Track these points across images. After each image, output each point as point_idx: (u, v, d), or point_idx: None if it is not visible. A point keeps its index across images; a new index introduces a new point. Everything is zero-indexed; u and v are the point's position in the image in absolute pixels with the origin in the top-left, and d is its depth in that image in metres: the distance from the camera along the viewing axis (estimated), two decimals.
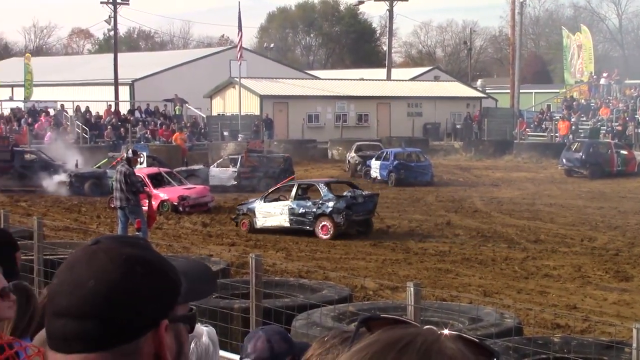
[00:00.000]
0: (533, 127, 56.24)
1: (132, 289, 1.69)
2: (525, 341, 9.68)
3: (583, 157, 39.16)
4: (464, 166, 43.91)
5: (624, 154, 39.96)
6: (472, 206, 28.67)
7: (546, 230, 23.49)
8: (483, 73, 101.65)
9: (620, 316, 13.97)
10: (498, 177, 38.97)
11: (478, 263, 18.76)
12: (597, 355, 9.29)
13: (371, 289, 15.56)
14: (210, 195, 28.09)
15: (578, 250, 20.38)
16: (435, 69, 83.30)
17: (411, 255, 19.61)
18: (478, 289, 16.00)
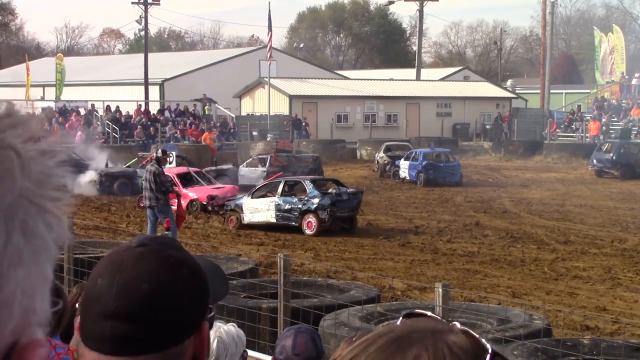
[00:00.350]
0: (563, 127, 55.96)
1: (181, 292, 1.70)
2: (554, 343, 9.64)
3: (614, 158, 38.91)
4: (493, 166, 43.74)
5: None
6: (501, 207, 28.57)
7: (576, 231, 23.35)
8: (513, 73, 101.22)
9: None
10: (528, 177, 38.79)
11: (507, 264, 18.69)
12: (627, 357, 9.24)
13: (399, 289, 15.55)
14: (239, 195, 28.15)
15: (608, 252, 20.25)
16: (465, 69, 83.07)
17: (439, 256, 19.57)
18: (507, 290, 15.94)
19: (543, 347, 9.30)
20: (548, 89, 57.67)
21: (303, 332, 3.92)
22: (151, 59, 60.82)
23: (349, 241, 21.61)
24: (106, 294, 1.68)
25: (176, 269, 1.71)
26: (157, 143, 45.00)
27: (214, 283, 1.91)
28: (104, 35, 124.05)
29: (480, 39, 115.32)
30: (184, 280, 1.71)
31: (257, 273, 14.34)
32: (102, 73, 70.45)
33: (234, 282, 12.37)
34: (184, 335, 1.70)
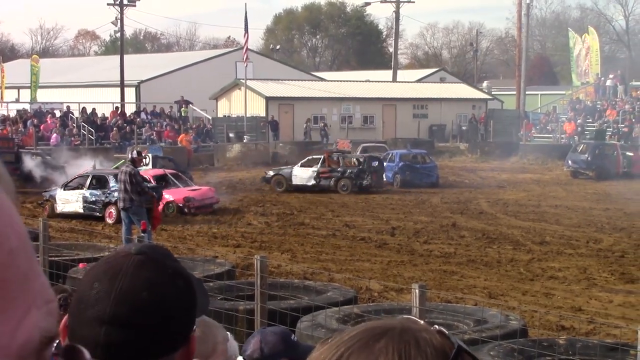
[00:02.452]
0: (539, 128, 56.24)
1: (177, 303, 1.70)
2: (530, 343, 9.67)
3: (589, 159, 39.17)
4: (469, 168, 43.87)
5: (630, 155, 39.92)
6: (477, 208, 28.66)
7: (552, 231, 23.47)
8: (489, 74, 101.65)
9: (625, 318, 13.95)
10: (504, 178, 38.94)
11: (483, 265, 18.75)
12: (602, 357, 9.29)
13: (376, 290, 15.56)
14: (216, 196, 28.11)
15: (583, 252, 20.35)
16: (441, 71, 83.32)
17: (416, 257, 19.60)
18: (483, 291, 15.98)
19: (519, 347, 9.33)
20: (524, 91, 57.95)
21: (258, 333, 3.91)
22: (127, 61, 60.60)
23: (325, 242, 21.61)
24: (104, 299, 1.67)
25: (174, 280, 1.71)
26: (133, 144, 44.87)
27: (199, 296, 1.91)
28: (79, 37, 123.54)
29: (456, 40, 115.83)
30: (180, 292, 1.71)
31: (233, 275, 14.32)
32: (78, 75, 70.15)
33: (211, 284, 12.35)
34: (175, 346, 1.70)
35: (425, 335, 1.24)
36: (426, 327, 1.26)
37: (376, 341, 1.21)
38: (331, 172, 33.61)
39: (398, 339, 1.21)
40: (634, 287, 16.70)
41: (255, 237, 22.47)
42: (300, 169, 34.36)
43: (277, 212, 27.15)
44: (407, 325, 1.25)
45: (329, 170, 33.65)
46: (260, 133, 52.36)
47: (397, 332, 1.23)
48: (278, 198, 31.25)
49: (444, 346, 1.23)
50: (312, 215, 26.57)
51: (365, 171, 33.27)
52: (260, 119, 54.63)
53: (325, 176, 33.52)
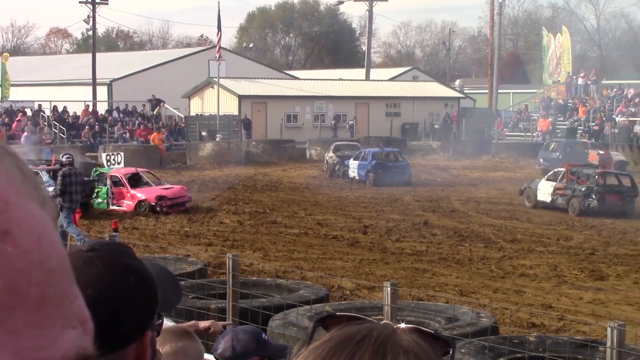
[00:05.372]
0: (511, 127, 56.52)
1: (126, 299, 1.70)
2: (501, 340, 9.73)
3: (560, 157, 39.40)
4: (442, 166, 44.00)
5: (601, 153, 40.19)
6: (449, 206, 28.77)
7: (523, 229, 23.60)
8: (461, 73, 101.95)
9: (595, 315, 14.06)
10: (476, 176, 39.09)
11: (455, 263, 18.83)
12: (572, 353, 9.35)
13: (348, 288, 15.58)
14: (188, 195, 28.05)
15: (554, 250, 20.49)
16: (414, 69, 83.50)
17: (388, 255, 19.65)
18: (455, 289, 16.05)
19: (490, 344, 9.39)
20: (496, 89, 58.21)
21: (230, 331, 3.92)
22: (99, 59, 60.30)
23: (297, 241, 21.61)
24: None
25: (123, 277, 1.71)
26: (105, 144, 44.67)
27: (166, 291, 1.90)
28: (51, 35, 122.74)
29: (429, 39, 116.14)
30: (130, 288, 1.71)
31: (205, 273, 14.29)
32: (49, 73, 69.71)
33: (182, 282, 12.33)
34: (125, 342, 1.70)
35: (404, 340, 1.23)
36: (405, 330, 1.26)
37: (354, 349, 1.21)
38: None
39: (377, 345, 1.21)
40: (604, 284, 16.83)
41: (227, 236, 22.45)
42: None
43: (249, 211, 27.12)
44: (385, 331, 1.25)
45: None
46: (233, 132, 52.24)
47: (375, 339, 1.22)
48: (250, 197, 31.21)
49: (424, 350, 1.23)
50: (284, 214, 26.56)
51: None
52: (233, 117, 54.54)
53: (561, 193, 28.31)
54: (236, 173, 38.95)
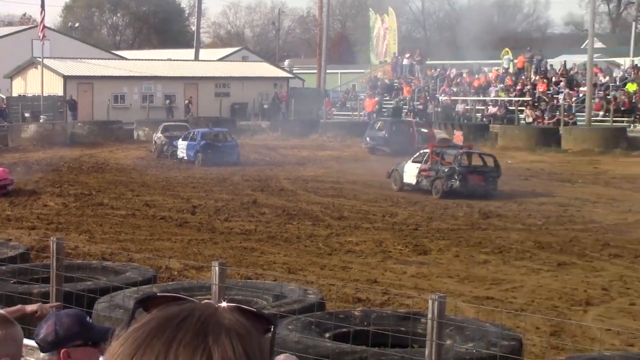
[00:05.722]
0: (339, 106, 57.29)
1: None
2: (327, 316, 9.88)
3: (386, 136, 40.24)
4: (270, 146, 44.20)
5: (425, 131, 41.22)
6: (278, 185, 28.96)
7: (349, 207, 24.01)
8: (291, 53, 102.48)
9: (418, 288, 14.46)
10: (304, 156, 39.47)
11: (283, 241, 18.98)
12: (396, 326, 9.58)
13: (176, 269, 15.49)
14: (10, 177, 27.16)
15: (380, 226, 20.94)
16: (243, 50, 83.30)
17: (217, 235, 19.63)
18: (283, 267, 16.19)
19: (317, 320, 9.51)
20: (324, 69, 58.82)
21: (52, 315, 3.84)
22: None
23: (125, 222, 21.30)
24: None
25: None
26: None
27: None
28: None
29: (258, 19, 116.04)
30: None
31: (28, 258, 13.90)
32: None
33: (3, 267, 11.98)
34: None
35: (226, 319, 1.23)
36: (227, 309, 1.26)
37: (175, 330, 1.20)
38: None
39: (198, 325, 1.20)
40: (426, 258, 17.33)
41: (51, 219, 21.89)
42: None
43: (74, 193, 26.52)
44: (207, 311, 1.24)
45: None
46: (58, 113, 50.89)
47: (196, 319, 1.21)
48: (76, 178, 30.53)
49: (246, 328, 1.23)
50: (111, 195, 26.12)
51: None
52: (58, 98, 53.13)
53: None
54: (61, 155, 37.99)
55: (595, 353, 8.85)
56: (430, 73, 58.93)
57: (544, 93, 49.54)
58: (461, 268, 16.35)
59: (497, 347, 8.40)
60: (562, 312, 13.19)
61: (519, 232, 20.32)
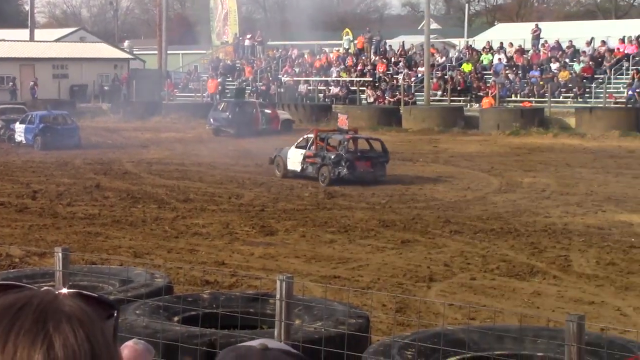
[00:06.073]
0: (181, 87, 56.82)
1: None
2: (175, 299, 9.80)
3: (230, 117, 40.19)
4: (112, 128, 43.49)
5: (268, 112, 41.38)
6: (121, 168, 28.52)
7: (195, 189, 23.88)
8: (130, 34, 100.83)
9: (265, 269, 14.52)
10: (147, 138, 39.01)
11: (128, 224, 18.72)
12: (244, 307, 9.59)
13: (17, 256, 15.06)
14: None
15: (226, 208, 20.91)
16: (80, 30, 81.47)
17: (59, 220, 19.18)
18: (129, 251, 15.98)
19: (164, 304, 9.43)
20: (165, 50, 58.14)
21: None
22: None
23: None
24: None
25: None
26: None
27: None
28: None
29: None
30: None
31: None
32: None
33: None
34: None
35: (67, 306, 1.20)
36: (67, 296, 1.23)
37: (13, 318, 1.16)
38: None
39: (37, 313, 1.17)
40: (273, 239, 17.42)
41: None
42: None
43: None
44: (46, 298, 1.21)
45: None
46: None
47: (35, 306, 1.18)
48: None
49: (87, 314, 1.20)
50: None
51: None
52: None
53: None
54: None
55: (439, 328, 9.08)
56: (272, 54, 59.10)
57: (384, 73, 50.46)
58: (308, 248, 16.51)
59: (345, 326, 8.52)
60: (407, 288, 13.50)
61: (363, 211, 20.67)
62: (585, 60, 45.82)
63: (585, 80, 44.42)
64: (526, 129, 39.27)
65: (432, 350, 7.86)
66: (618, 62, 45.42)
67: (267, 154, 31.80)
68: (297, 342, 7.64)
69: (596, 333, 8.73)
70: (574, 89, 43.90)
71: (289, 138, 38.40)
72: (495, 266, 15.04)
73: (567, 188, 24.39)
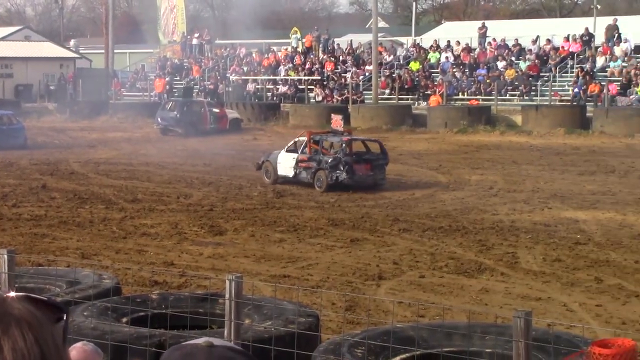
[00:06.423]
0: (128, 87, 56.40)
1: None
2: (124, 300, 9.74)
3: (177, 116, 40.02)
4: (58, 128, 43.05)
5: (216, 112, 41.25)
6: (68, 168, 28.25)
7: (143, 189, 23.73)
8: (76, 33, 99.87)
9: (215, 269, 14.48)
10: (94, 138, 38.69)
11: (75, 225, 18.55)
12: (194, 308, 9.56)
13: None
14: None
15: (175, 208, 20.81)
16: (25, 29, 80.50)
17: (5, 222, 18.95)
18: (76, 252, 15.84)
19: (113, 305, 9.36)
20: (112, 49, 57.68)
21: None
22: None
23: None
24: None
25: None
26: None
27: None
28: None
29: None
30: None
31: None
32: None
33: None
34: None
35: (16, 309, 1.19)
36: (15, 299, 1.22)
37: None
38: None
39: None
40: (222, 238, 17.38)
41: None
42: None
43: None
44: None
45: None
46: None
47: None
48: None
49: (36, 317, 1.19)
50: None
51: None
52: None
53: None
54: None
55: (388, 325, 9.12)
56: (219, 53, 58.88)
57: (332, 72, 50.52)
58: (257, 247, 16.49)
59: (295, 325, 8.54)
60: (356, 287, 13.55)
61: (312, 210, 20.70)
62: (531, 59, 46.30)
63: (531, 79, 44.90)
64: (473, 126, 39.59)
65: (381, 348, 7.90)
66: (563, 60, 45.96)
67: (215, 154, 31.77)
68: (247, 341, 7.63)
69: (543, 329, 8.82)
70: (520, 87, 44.34)
71: (237, 137, 38.47)
72: (443, 264, 15.14)
73: (514, 185, 24.64)
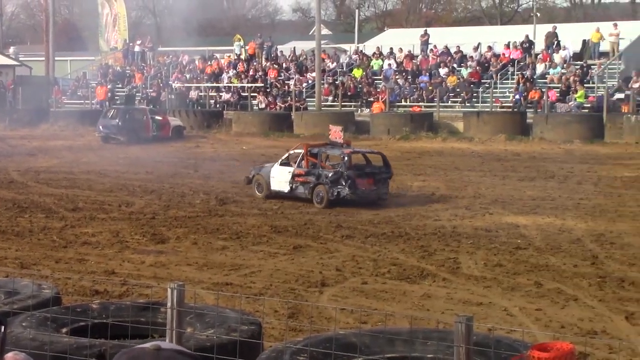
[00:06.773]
0: (69, 94, 55.87)
1: None
2: (64, 310, 9.62)
3: (120, 124, 39.77)
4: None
5: (159, 119, 41.05)
6: (7, 177, 27.88)
7: (84, 197, 23.49)
8: (16, 40, 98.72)
9: (157, 277, 14.37)
10: (35, 146, 38.25)
11: (15, 235, 18.29)
12: (135, 317, 9.47)
13: None
14: None
15: (116, 216, 20.63)
16: None
17: None
18: (15, 262, 15.61)
19: (52, 315, 9.24)
20: (52, 56, 57.13)
21: None
22: None
23: None
24: None
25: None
26: None
27: None
28: None
29: None
30: None
31: None
32: None
33: None
34: None
35: None
36: None
37: None
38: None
39: None
40: (164, 247, 17.26)
41: None
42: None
43: None
44: None
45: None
46: None
47: None
48: None
49: None
50: None
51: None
52: None
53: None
54: None
55: (331, 332, 9.12)
56: (162, 60, 58.61)
57: (276, 79, 50.53)
58: (200, 255, 16.41)
59: (237, 333, 8.50)
60: (299, 294, 13.53)
61: (255, 217, 20.66)
62: (473, 66, 46.76)
63: (473, 85, 45.33)
64: (416, 133, 39.86)
65: (324, 355, 7.89)
66: (504, 67, 46.47)
67: (157, 161, 31.61)
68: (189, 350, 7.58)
69: (484, 333, 8.88)
70: (461, 94, 44.74)
71: (180, 145, 38.33)
72: (386, 270, 15.19)
73: (455, 191, 24.83)
